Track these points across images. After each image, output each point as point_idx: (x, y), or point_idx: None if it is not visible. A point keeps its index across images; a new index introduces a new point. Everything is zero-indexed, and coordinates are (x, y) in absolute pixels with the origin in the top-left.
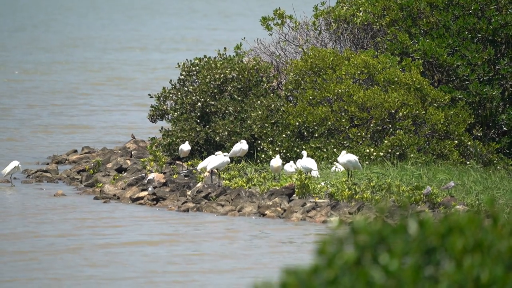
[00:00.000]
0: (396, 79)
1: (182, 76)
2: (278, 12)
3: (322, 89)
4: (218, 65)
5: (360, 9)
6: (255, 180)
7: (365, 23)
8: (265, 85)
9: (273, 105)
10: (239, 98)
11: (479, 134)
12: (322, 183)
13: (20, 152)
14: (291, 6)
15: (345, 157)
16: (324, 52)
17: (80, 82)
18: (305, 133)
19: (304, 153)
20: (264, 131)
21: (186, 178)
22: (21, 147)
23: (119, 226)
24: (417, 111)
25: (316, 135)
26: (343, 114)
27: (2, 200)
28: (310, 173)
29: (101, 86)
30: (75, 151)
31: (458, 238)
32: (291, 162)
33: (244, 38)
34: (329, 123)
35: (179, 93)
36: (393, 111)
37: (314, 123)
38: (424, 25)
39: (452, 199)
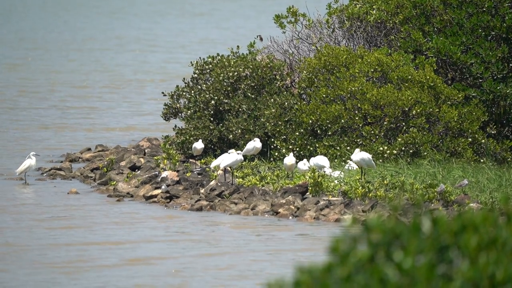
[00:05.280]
0: (409, 77)
1: (196, 74)
2: (291, 10)
3: (336, 87)
4: (232, 63)
5: (374, 7)
6: (269, 178)
7: (379, 21)
8: (278, 83)
9: (286, 103)
10: (253, 96)
11: (493, 132)
12: (336, 181)
13: (34, 150)
14: (305, 4)
15: (358, 155)
16: (337, 50)
17: (91, 80)
18: (318, 131)
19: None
20: (278, 129)
21: (199, 176)
22: (35, 146)
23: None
24: (431, 109)
25: (330, 133)
26: (356, 112)
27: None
28: (324, 171)
29: (114, 85)
30: (89, 149)
31: (473, 235)
32: (305, 160)
33: (257, 36)
34: (343, 121)
35: (192, 91)
36: (406, 109)
37: (328, 121)
38: (437, 23)
39: (466, 197)
